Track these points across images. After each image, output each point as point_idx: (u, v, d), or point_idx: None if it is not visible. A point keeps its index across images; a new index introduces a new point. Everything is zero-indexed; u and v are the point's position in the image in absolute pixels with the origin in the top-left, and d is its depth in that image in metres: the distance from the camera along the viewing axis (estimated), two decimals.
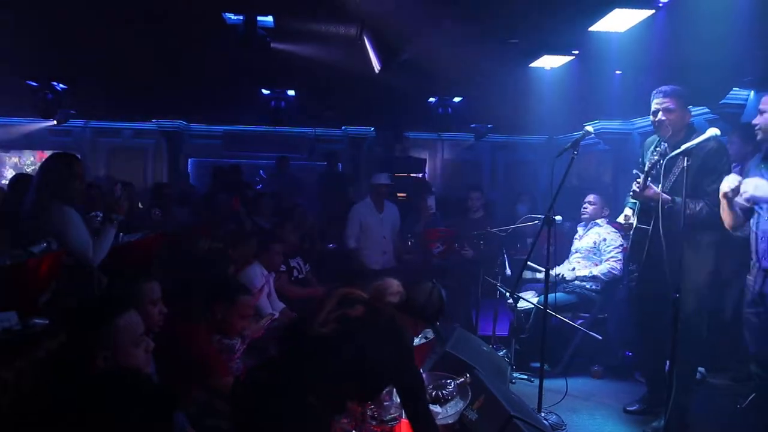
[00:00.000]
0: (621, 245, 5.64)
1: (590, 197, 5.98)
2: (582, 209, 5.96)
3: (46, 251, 3.32)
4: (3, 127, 11.80)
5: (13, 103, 9.79)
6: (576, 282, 5.67)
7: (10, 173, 11.36)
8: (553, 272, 4.46)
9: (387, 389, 3.35)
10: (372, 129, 12.02)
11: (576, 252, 5.91)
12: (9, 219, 4.10)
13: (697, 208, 3.93)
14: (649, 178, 4.14)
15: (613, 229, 5.77)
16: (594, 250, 5.76)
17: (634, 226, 4.43)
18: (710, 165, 3.95)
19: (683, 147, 3.63)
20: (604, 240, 5.72)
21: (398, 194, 8.88)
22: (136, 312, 2.27)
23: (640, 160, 4.51)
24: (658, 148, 4.30)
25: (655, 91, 4.24)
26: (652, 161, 4.20)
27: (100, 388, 1.59)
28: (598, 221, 5.87)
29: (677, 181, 3.98)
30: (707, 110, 6.91)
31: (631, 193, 4.27)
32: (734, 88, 6.33)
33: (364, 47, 6.09)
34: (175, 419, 2.68)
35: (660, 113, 4.16)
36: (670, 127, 4.14)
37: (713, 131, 3.64)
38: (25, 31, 6.01)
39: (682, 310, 3.54)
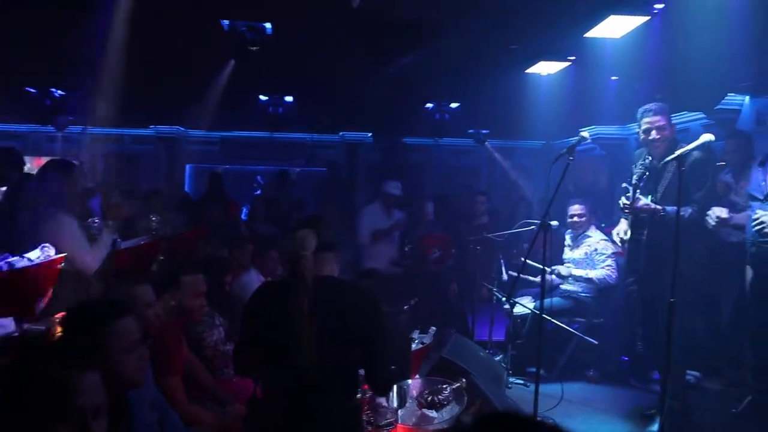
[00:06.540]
0: (613, 252, 5.60)
1: (577, 209, 5.79)
2: (570, 221, 5.81)
3: (43, 258, 3.32)
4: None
5: (11, 109, 9.79)
6: (570, 287, 5.67)
7: None
8: (549, 269, 4.44)
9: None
10: (369, 135, 12.03)
11: (568, 262, 5.83)
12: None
13: (686, 215, 3.95)
14: (638, 191, 4.18)
15: (603, 237, 5.73)
16: (587, 260, 5.69)
17: (627, 239, 4.43)
18: (696, 173, 3.99)
19: (676, 153, 3.65)
20: (596, 250, 5.66)
21: None
22: (133, 318, 2.21)
23: (631, 174, 4.53)
24: (644, 161, 4.31)
25: (643, 110, 4.27)
26: (638, 174, 4.24)
27: None
28: (588, 232, 5.80)
29: (667, 190, 4.07)
30: (702, 116, 6.93)
31: (621, 206, 4.28)
32: (729, 94, 6.35)
33: None
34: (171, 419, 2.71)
35: (653, 132, 4.19)
36: (663, 144, 4.18)
37: (707, 137, 3.67)
38: (24, 38, 6.03)
39: (676, 314, 3.56)
